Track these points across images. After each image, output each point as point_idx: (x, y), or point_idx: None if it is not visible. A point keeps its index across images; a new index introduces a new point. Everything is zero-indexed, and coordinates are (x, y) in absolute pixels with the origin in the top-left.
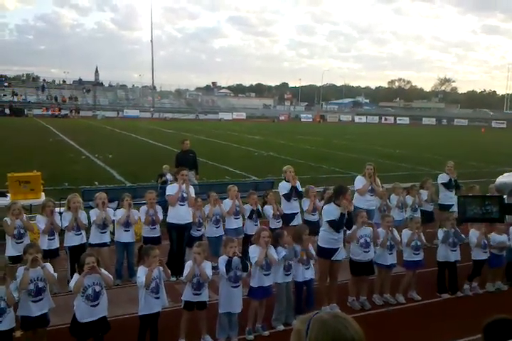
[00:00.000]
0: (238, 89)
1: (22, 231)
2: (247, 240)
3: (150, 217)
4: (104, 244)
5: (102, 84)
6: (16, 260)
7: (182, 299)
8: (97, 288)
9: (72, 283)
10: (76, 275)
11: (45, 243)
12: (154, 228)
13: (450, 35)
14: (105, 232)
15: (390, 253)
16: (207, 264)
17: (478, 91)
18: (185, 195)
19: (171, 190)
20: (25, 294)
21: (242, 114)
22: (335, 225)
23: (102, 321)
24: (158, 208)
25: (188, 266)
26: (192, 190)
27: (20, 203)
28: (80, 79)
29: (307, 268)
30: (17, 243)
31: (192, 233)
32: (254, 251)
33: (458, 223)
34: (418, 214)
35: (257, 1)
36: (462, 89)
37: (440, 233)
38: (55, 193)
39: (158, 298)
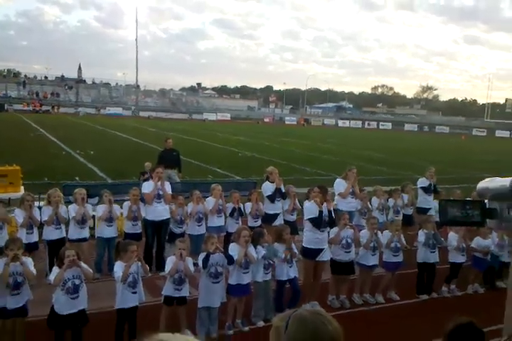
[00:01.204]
0: (223, 91)
1: (0, 223)
2: (229, 238)
3: (132, 213)
4: (83, 239)
5: (84, 81)
6: None
7: (162, 294)
8: (77, 282)
9: (51, 276)
10: (56, 269)
11: (23, 236)
12: (136, 224)
13: (432, 44)
14: (84, 228)
15: (372, 255)
16: (188, 260)
17: (460, 99)
18: (161, 192)
19: (147, 187)
20: (3, 287)
21: (227, 115)
22: (315, 222)
23: (81, 314)
24: (141, 205)
25: (171, 261)
26: (168, 187)
27: None
28: (63, 76)
29: (290, 267)
30: None
31: (173, 229)
32: (234, 250)
33: (438, 226)
34: (400, 217)
35: (243, 5)
36: (444, 97)
37: (421, 234)
38: (34, 187)
39: (135, 292)
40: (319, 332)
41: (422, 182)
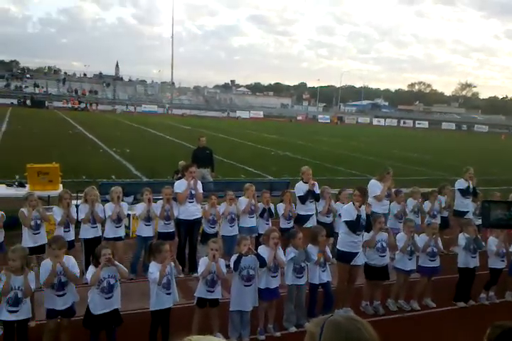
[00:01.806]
0: (256, 88)
1: (38, 222)
2: (259, 239)
3: (165, 212)
4: (118, 238)
5: (121, 78)
6: (32, 251)
7: (195, 295)
8: (112, 281)
9: (88, 275)
10: (92, 268)
11: (60, 234)
12: (169, 223)
13: (472, 40)
14: (120, 226)
15: (409, 259)
16: (221, 262)
17: (500, 97)
18: (193, 191)
19: (179, 187)
20: (49, 287)
21: (260, 112)
22: (351, 225)
23: (115, 313)
24: (174, 204)
25: (204, 262)
26: (199, 186)
27: (36, 194)
28: (101, 73)
29: (323, 271)
30: (34, 234)
31: (206, 230)
32: (263, 252)
33: (479, 228)
34: (437, 221)
35: (278, 0)
36: (483, 95)
37: (462, 238)
38: (72, 185)
39: (169, 293)
40: (355, 338)
41: (461, 183)
